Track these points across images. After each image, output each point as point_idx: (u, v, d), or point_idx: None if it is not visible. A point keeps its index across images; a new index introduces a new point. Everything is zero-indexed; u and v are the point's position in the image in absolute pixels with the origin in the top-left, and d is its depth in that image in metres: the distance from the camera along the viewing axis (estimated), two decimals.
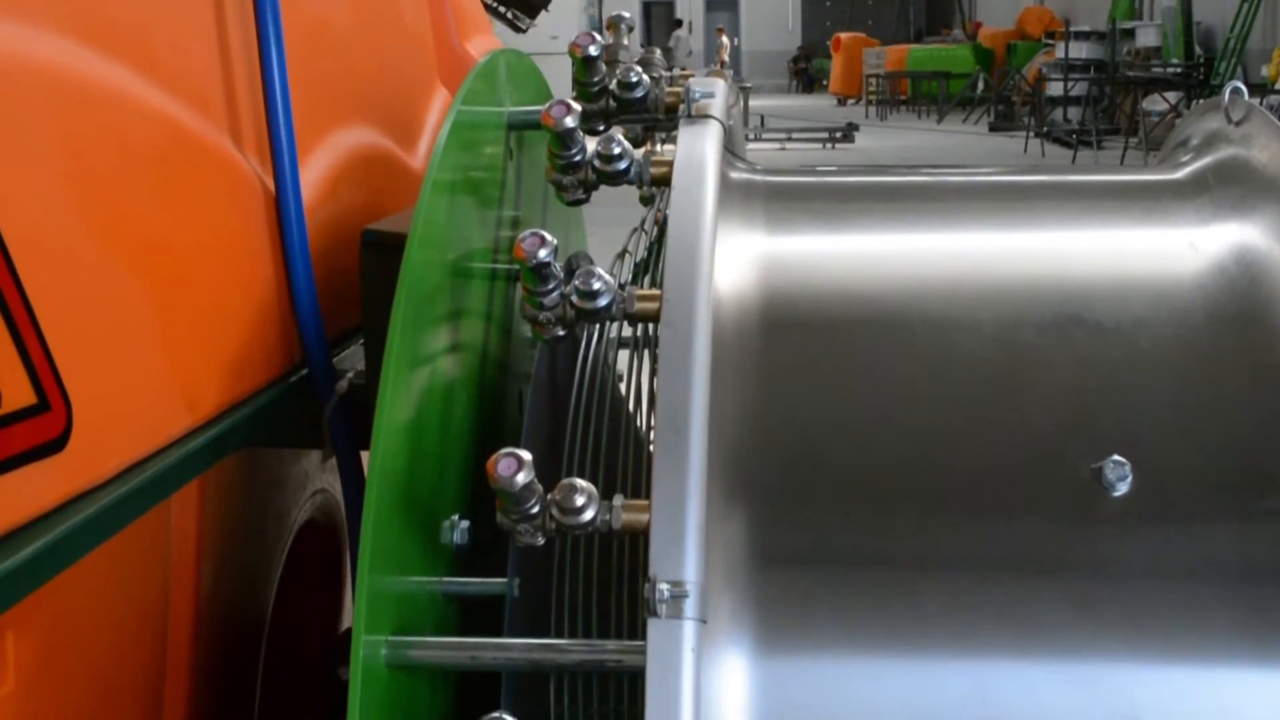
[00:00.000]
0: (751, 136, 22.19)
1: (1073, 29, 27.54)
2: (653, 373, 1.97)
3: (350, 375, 2.19)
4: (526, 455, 1.61)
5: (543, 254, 1.77)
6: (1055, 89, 26.43)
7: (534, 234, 1.78)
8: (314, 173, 2.27)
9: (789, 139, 24.27)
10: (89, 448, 1.62)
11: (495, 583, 1.90)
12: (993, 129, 28.81)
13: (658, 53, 2.21)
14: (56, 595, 1.61)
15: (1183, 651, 1.74)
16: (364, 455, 2.06)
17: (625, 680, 1.80)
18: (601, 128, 2.06)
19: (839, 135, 24.65)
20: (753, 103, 26.52)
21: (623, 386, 2.12)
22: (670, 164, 1.93)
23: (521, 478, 1.60)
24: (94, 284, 1.70)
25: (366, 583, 1.67)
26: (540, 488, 1.64)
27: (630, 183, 1.99)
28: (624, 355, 2.16)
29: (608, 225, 3.06)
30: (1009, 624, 1.74)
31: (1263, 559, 1.76)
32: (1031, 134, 24.69)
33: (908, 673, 1.73)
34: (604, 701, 1.82)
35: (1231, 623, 1.74)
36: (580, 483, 1.66)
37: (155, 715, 1.95)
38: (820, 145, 24.37)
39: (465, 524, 1.91)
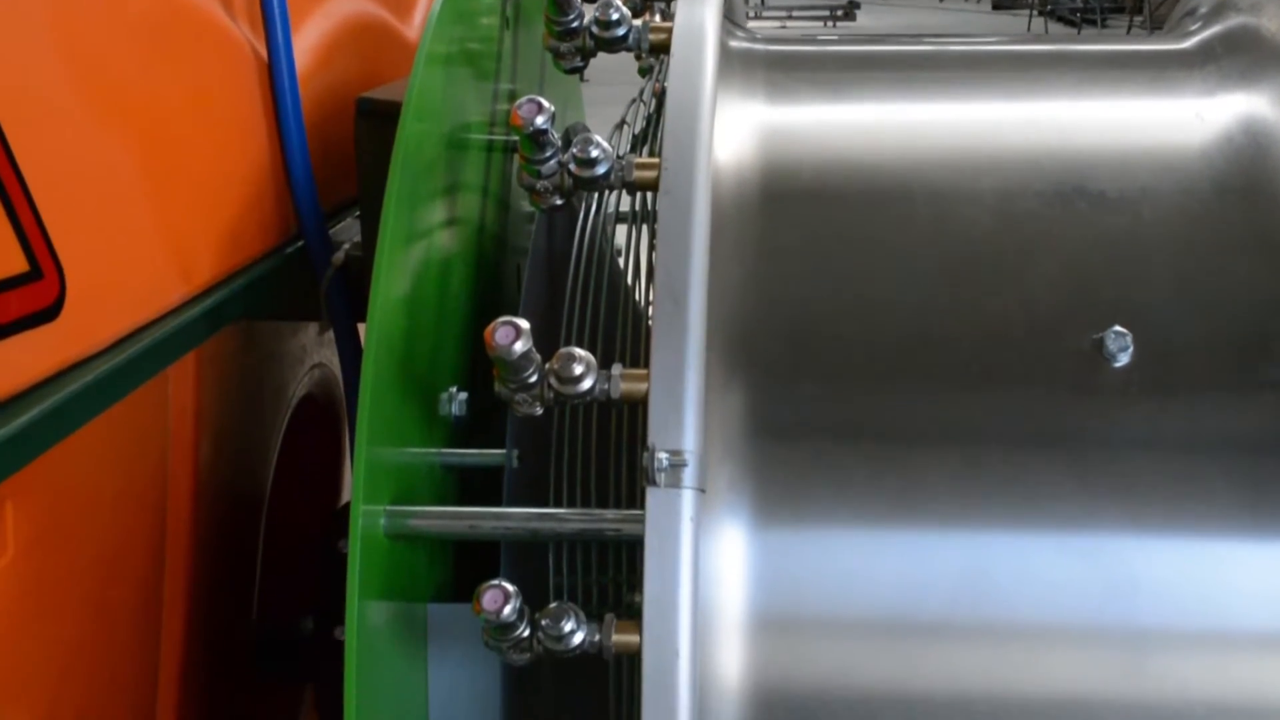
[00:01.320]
0: (751, 15, 21.93)
1: None
2: (651, 246, 1.95)
3: (346, 247, 2.17)
4: (524, 324, 1.60)
5: (540, 120, 1.75)
6: None
7: (531, 100, 1.75)
8: (307, 40, 2.23)
9: (789, 17, 24.00)
10: (83, 316, 1.61)
11: (494, 454, 1.90)
12: (996, 6, 28.43)
13: None
14: (55, 466, 1.61)
15: (1181, 524, 1.73)
16: (361, 328, 2.05)
17: (624, 550, 1.80)
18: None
19: (840, 13, 24.37)
20: None
21: (621, 261, 2.10)
22: (669, 30, 1.88)
23: (519, 346, 1.59)
24: (85, 152, 1.68)
25: (365, 453, 1.67)
26: (538, 357, 1.63)
27: (629, 50, 1.95)
28: (622, 231, 2.13)
29: (605, 105, 3.02)
30: (1007, 496, 1.74)
31: (1263, 432, 1.75)
32: (1035, 11, 24.37)
33: (905, 544, 1.73)
34: (603, 571, 1.82)
35: (1230, 495, 1.73)
36: (578, 351, 1.65)
37: (155, 588, 1.96)
38: (821, 23, 24.09)
39: (463, 396, 1.91)
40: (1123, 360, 1.75)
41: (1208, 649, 1.71)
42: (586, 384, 1.64)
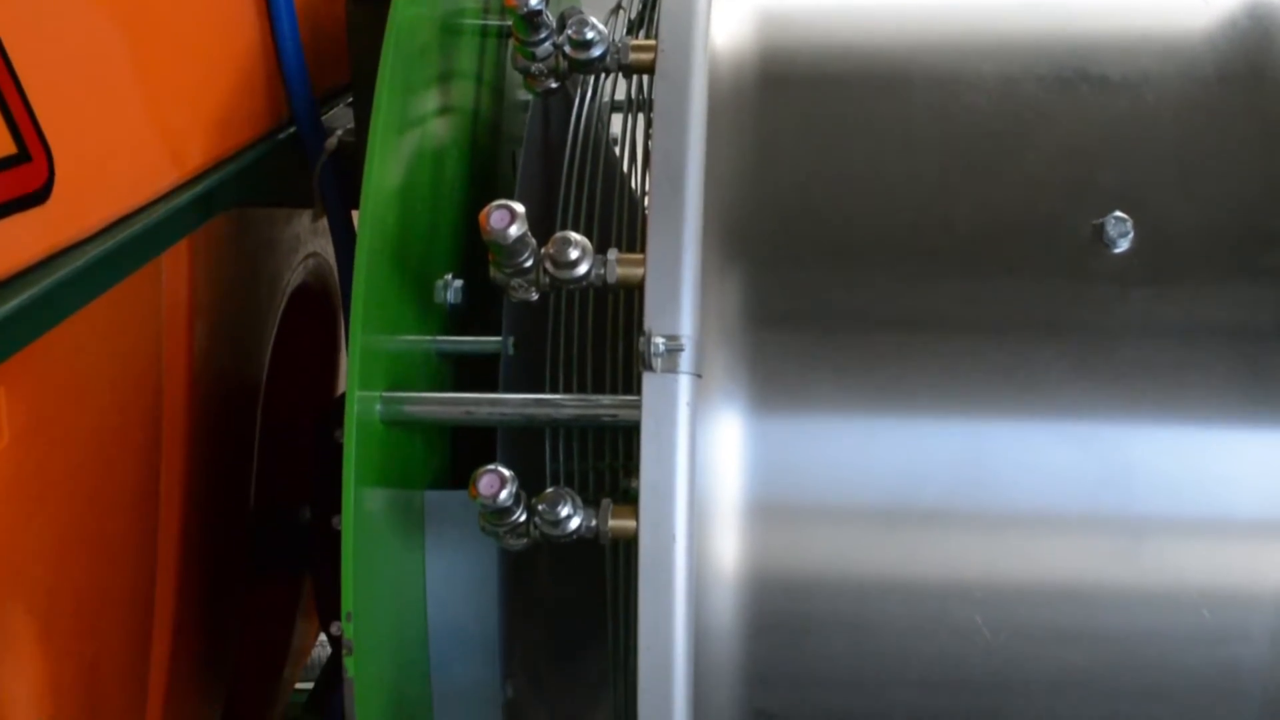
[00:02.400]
0: None
1: None
2: (647, 134, 1.93)
3: (339, 133, 2.15)
4: (519, 207, 1.58)
5: (534, 1, 1.72)
6: None
7: None
8: None
9: None
10: (72, 200, 1.59)
11: (489, 341, 1.89)
12: None
13: None
14: (48, 353, 1.60)
15: (1178, 411, 1.73)
16: (355, 216, 2.03)
17: (621, 436, 1.80)
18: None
19: None
20: None
21: (617, 150, 2.08)
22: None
23: (514, 230, 1.57)
24: (73, 34, 1.65)
25: (359, 340, 1.66)
26: (533, 241, 1.62)
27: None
28: (618, 121, 2.11)
29: None
30: (1005, 383, 1.73)
31: (1263, 320, 1.74)
32: None
33: (902, 432, 1.73)
34: (599, 458, 1.82)
35: (1228, 383, 1.73)
36: (574, 236, 1.63)
37: (151, 478, 1.96)
38: None
39: (458, 283, 1.89)
40: (1122, 246, 1.74)
41: (1203, 536, 1.71)
42: (582, 269, 1.63)
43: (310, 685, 2.79)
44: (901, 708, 1.72)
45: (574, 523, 1.61)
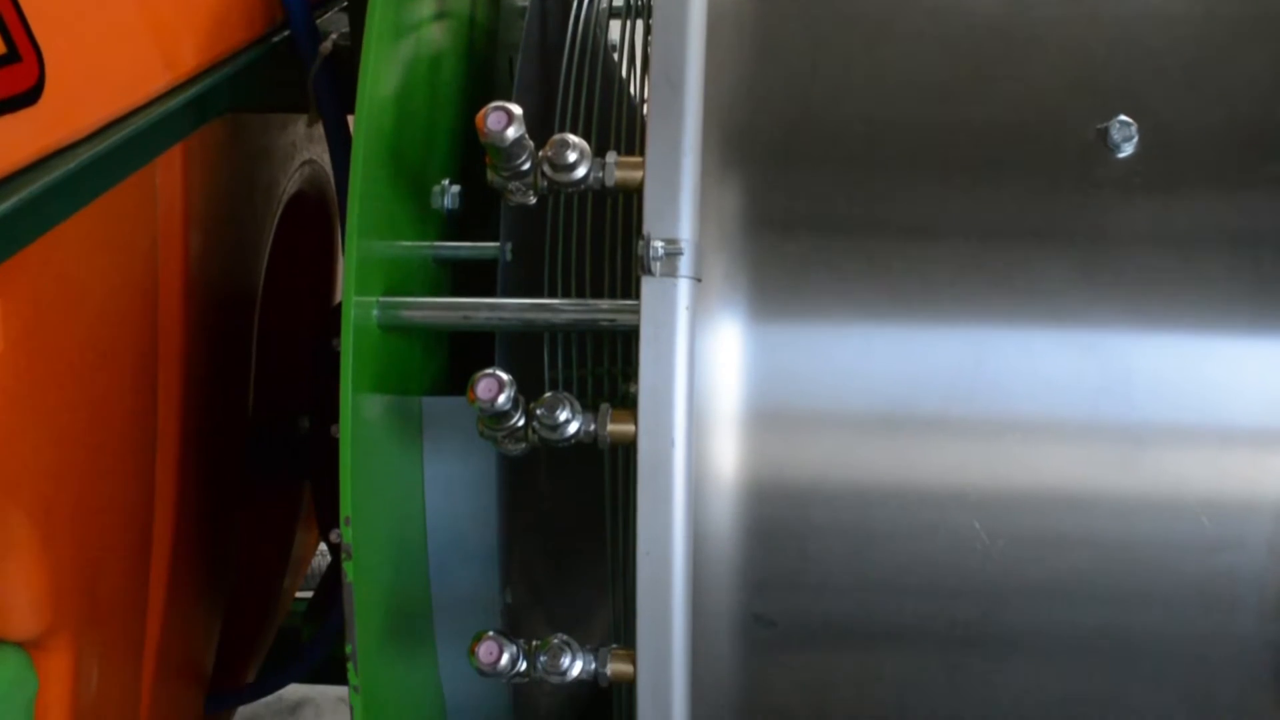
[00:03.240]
0: None
1: None
2: (646, 39, 1.91)
3: (334, 37, 2.12)
4: (516, 109, 1.56)
5: None
6: None
7: None
8: None
9: None
10: (63, 101, 1.57)
11: (487, 247, 1.88)
12: None
13: None
14: (42, 259, 1.58)
15: (1181, 318, 1.72)
16: (350, 121, 2.00)
17: (619, 341, 1.79)
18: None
19: None
20: None
21: (616, 56, 2.06)
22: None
23: (511, 132, 1.55)
24: None
25: (355, 245, 1.64)
26: (531, 144, 1.60)
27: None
28: (616, 28, 2.08)
29: None
30: (1007, 288, 1.72)
31: (1267, 226, 1.73)
32: None
33: (902, 338, 1.72)
34: (598, 364, 1.81)
35: (1232, 290, 1.72)
36: (572, 138, 1.61)
37: (149, 386, 1.95)
38: None
39: (455, 189, 1.88)
40: (1127, 151, 1.72)
41: (1204, 443, 1.70)
42: (580, 171, 1.61)
43: (310, 595, 2.81)
44: (899, 613, 1.72)
45: (572, 427, 1.60)
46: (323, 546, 3.16)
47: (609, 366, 1.81)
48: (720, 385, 1.68)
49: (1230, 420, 1.70)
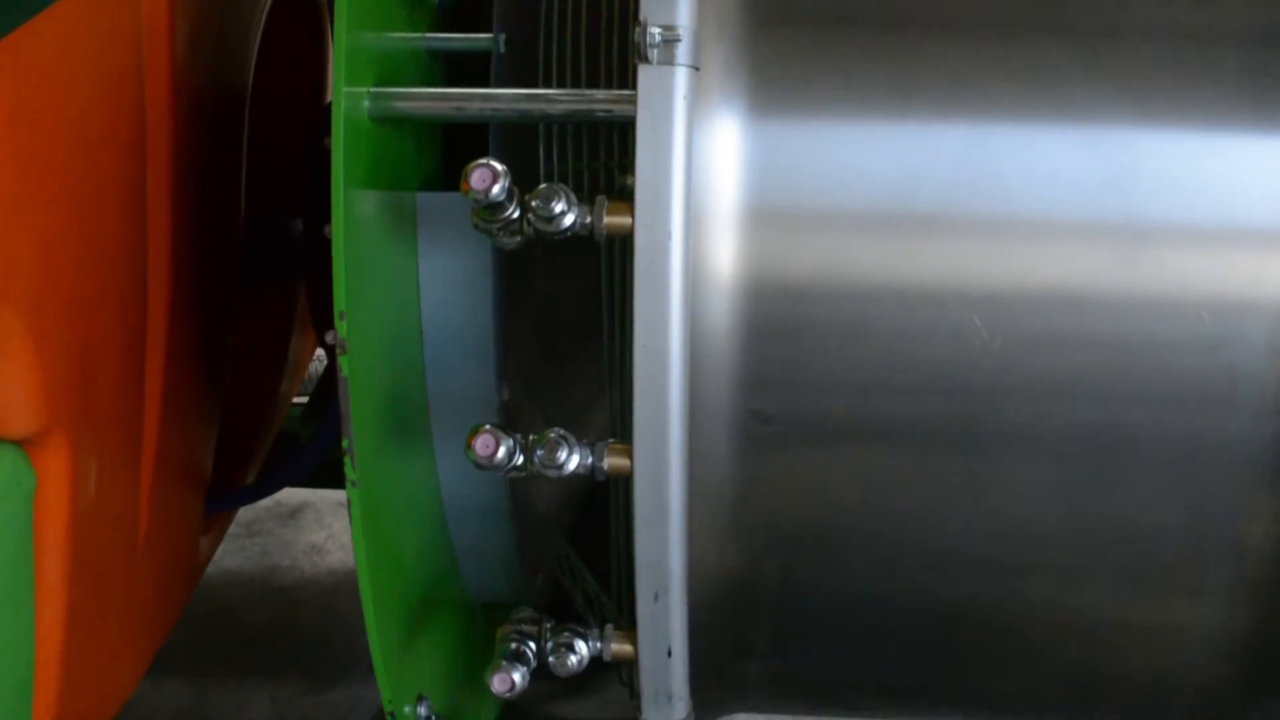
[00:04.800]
0: None
1: None
2: None
3: None
4: None
5: None
6: None
7: None
8: None
9: None
10: None
11: (481, 38, 1.84)
12: None
13: None
14: (26, 47, 1.54)
15: (1187, 114, 1.70)
16: None
17: (615, 134, 1.76)
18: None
19: None
20: None
21: None
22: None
23: None
24: None
25: (345, 34, 1.61)
26: None
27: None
28: None
29: None
30: (1009, 82, 1.69)
31: (1277, 23, 1.69)
32: None
33: (903, 133, 1.69)
34: (594, 157, 1.78)
35: (1239, 87, 1.69)
36: None
37: (138, 185, 1.92)
38: None
39: None
40: None
41: (1207, 240, 1.69)
42: None
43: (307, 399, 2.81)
44: (896, 411, 1.71)
45: (568, 219, 1.58)
46: (320, 352, 3.16)
47: (605, 160, 1.77)
48: (718, 180, 1.65)
49: (1234, 217, 1.68)
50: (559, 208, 1.57)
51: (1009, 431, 1.71)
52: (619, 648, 1.76)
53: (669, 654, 1.71)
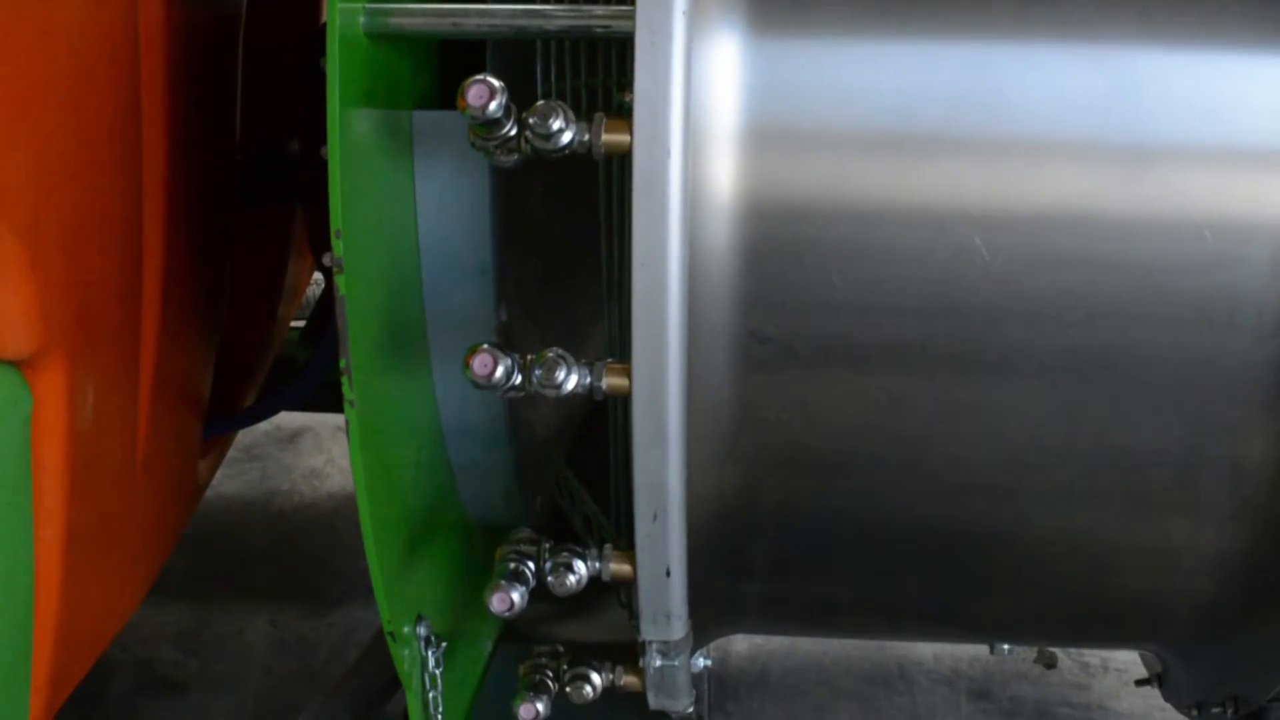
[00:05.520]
0: None
1: None
2: None
3: None
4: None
5: None
6: None
7: None
8: None
9: None
10: None
11: None
12: None
13: None
14: None
15: (1194, 34, 1.68)
16: None
17: (614, 50, 1.74)
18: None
19: None
20: None
21: None
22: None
23: None
24: None
25: None
26: None
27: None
28: None
29: None
30: (1014, 0, 1.67)
31: None
32: None
33: (904, 52, 1.68)
34: (591, 75, 1.76)
35: (1244, 6, 1.67)
36: None
37: (133, 102, 1.90)
38: None
39: None
40: None
41: (1211, 160, 1.67)
42: None
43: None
44: (896, 330, 1.71)
45: (566, 136, 1.57)
46: (317, 276, 3.15)
47: (603, 78, 1.76)
48: (718, 99, 1.64)
49: (1239, 137, 1.67)
50: (556, 125, 1.56)
51: (1008, 352, 1.70)
52: (617, 568, 1.76)
53: (667, 573, 1.71)
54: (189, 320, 2.16)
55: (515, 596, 1.75)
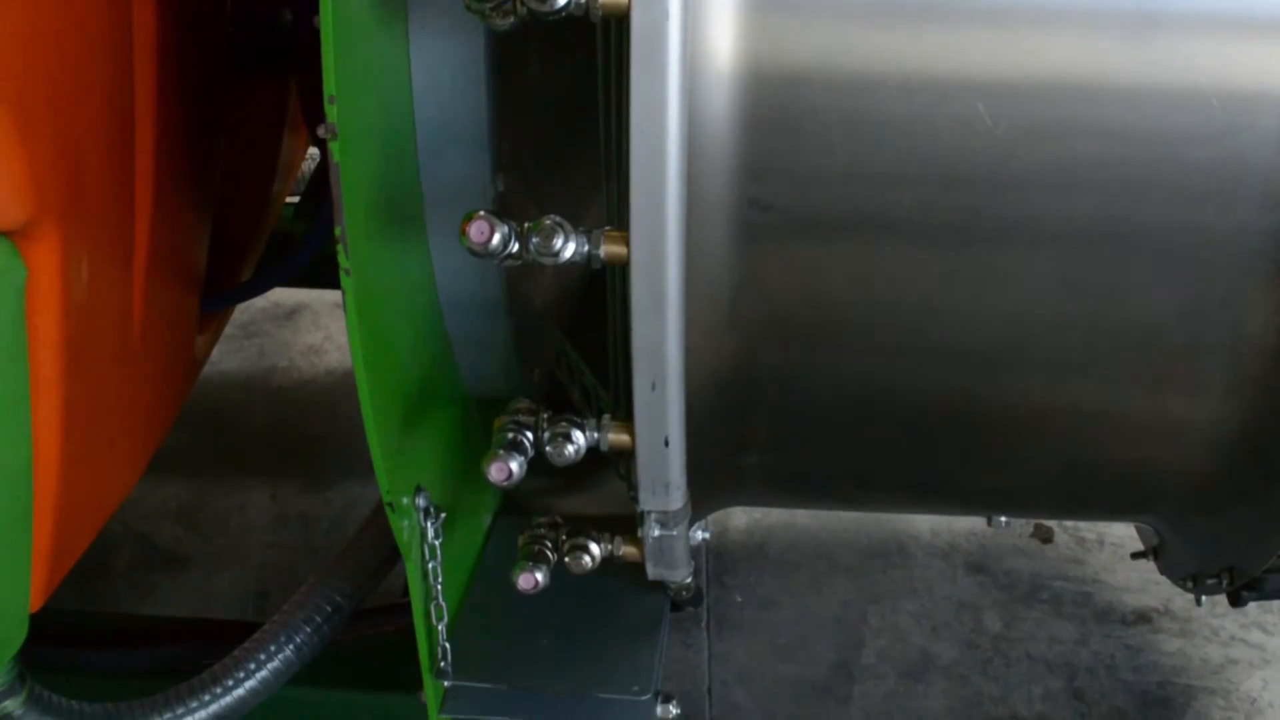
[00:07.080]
0: None
1: None
2: None
3: None
4: None
5: None
6: None
7: None
8: None
9: None
10: None
11: None
12: None
13: None
14: None
15: None
16: None
17: None
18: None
19: None
20: None
21: None
22: None
23: None
24: None
25: None
26: None
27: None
28: None
29: None
30: None
31: None
32: None
33: None
34: None
35: None
36: None
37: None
38: None
39: None
40: None
41: (1219, 28, 1.64)
42: None
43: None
44: (898, 200, 1.69)
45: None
46: (312, 151, 3.12)
47: None
48: None
49: (1248, 4, 1.63)
50: None
51: (1011, 222, 1.68)
52: (616, 438, 1.76)
53: (666, 443, 1.71)
54: (183, 191, 2.14)
55: (514, 466, 1.75)
